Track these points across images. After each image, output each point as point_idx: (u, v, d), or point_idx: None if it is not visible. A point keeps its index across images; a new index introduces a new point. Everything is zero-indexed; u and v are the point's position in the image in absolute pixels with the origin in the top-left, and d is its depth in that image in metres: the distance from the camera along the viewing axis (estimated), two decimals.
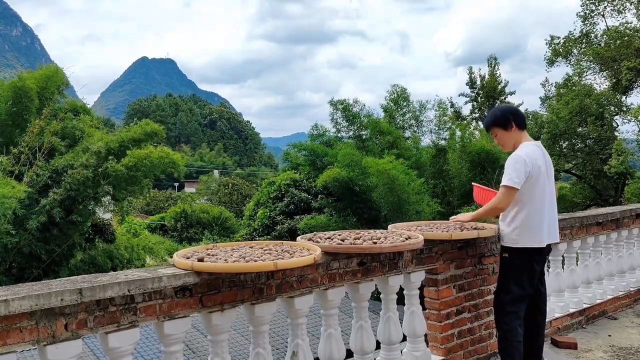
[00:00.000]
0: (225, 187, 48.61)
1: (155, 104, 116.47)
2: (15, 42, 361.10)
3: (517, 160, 3.56)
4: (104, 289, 2.26)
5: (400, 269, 3.57)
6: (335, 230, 3.82)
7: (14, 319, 2.09)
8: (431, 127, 23.41)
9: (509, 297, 3.69)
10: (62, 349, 2.22)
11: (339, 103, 22.21)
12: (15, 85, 15.11)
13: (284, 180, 25.52)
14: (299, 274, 3.03)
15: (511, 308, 3.67)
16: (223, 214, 38.09)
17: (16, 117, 15.30)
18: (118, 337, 2.38)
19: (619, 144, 22.06)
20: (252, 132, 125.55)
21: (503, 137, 3.78)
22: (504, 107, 3.90)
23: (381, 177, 17.20)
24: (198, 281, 2.58)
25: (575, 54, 25.83)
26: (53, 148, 15.36)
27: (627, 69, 22.02)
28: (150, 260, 19.20)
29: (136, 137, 15.30)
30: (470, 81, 31.75)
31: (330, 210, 20.99)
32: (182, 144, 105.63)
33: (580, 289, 5.28)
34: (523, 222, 3.63)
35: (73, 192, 13.87)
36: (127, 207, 18.14)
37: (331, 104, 22.37)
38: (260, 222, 24.88)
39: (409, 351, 3.71)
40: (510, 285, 3.70)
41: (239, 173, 75.47)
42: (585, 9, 25.13)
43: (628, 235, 5.91)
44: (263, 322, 2.92)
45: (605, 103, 24.07)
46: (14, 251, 13.57)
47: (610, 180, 23.36)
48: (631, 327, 5.11)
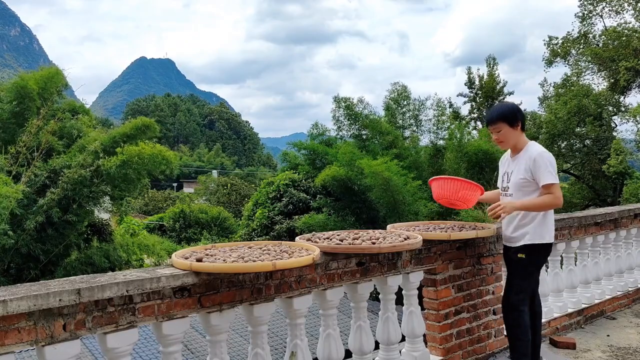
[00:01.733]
0: (223, 188, 48.56)
1: (154, 104, 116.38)
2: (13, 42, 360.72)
3: (550, 157, 3.64)
4: (102, 290, 2.26)
5: (399, 269, 3.57)
6: (333, 230, 3.82)
7: (12, 319, 2.08)
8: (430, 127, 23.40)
9: (522, 295, 3.74)
10: (61, 349, 2.22)
11: (342, 100, 22.14)
12: (19, 85, 15.11)
13: (282, 180, 25.50)
14: (298, 274, 3.03)
15: (524, 307, 3.74)
16: (222, 214, 38.07)
17: (18, 116, 15.30)
18: (116, 337, 2.38)
19: (617, 143, 22.09)
20: (250, 132, 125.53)
21: (507, 134, 3.70)
22: (511, 104, 3.88)
23: (376, 179, 17.17)
24: (197, 281, 2.58)
25: (573, 54, 25.86)
26: (51, 148, 15.36)
27: (625, 69, 22.05)
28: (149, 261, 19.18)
29: (128, 132, 15.22)
30: (469, 81, 31.77)
31: (329, 210, 20.98)
32: (181, 144, 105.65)
33: (579, 289, 5.28)
34: (548, 217, 3.72)
35: (70, 191, 13.85)
36: (126, 207, 18.11)
37: (335, 100, 22.30)
38: (259, 222, 24.87)
39: (408, 351, 3.71)
40: (525, 283, 3.76)
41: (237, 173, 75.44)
42: (584, 9, 25.16)
43: (626, 236, 5.92)
44: (262, 323, 2.92)
45: (603, 103, 24.10)
46: (11, 252, 13.56)
47: (609, 180, 23.37)
48: (629, 327, 5.11)
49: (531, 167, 3.61)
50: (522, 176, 3.66)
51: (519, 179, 3.69)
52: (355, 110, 22.13)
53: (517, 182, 3.71)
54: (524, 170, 3.65)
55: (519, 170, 3.69)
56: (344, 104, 22.08)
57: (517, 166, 3.73)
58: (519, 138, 3.73)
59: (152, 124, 15.84)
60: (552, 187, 3.58)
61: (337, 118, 22.41)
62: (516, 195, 3.71)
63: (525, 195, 3.67)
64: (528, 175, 3.63)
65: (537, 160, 3.60)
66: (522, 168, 3.67)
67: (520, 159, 3.71)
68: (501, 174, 3.94)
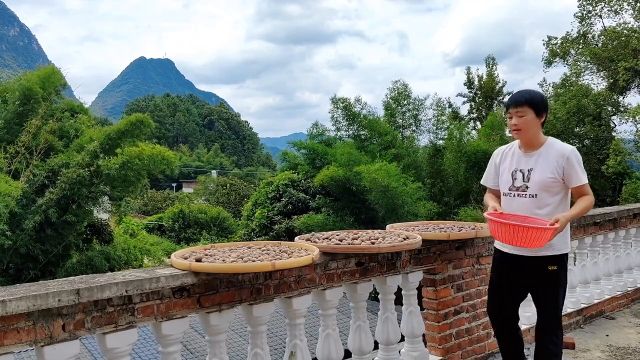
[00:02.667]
0: (223, 188, 48.56)
1: (153, 104, 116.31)
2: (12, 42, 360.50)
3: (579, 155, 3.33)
4: (101, 290, 2.26)
5: (398, 269, 3.57)
6: (333, 230, 3.81)
7: (12, 319, 2.08)
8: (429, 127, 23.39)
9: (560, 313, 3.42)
10: (60, 349, 2.22)
11: (340, 101, 22.10)
12: (23, 86, 15.10)
13: (282, 180, 25.51)
14: (297, 274, 3.03)
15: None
16: (221, 214, 38.07)
17: (22, 117, 15.30)
18: (116, 337, 2.37)
19: (616, 143, 22.11)
20: (250, 132, 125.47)
21: (530, 122, 3.26)
22: (542, 94, 3.45)
23: (374, 183, 17.17)
24: (196, 281, 2.58)
25: (572, 54, 25.88)
26: (50, 147, 15.35)
27: (624, 70, 22.07)
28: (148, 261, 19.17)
29: (122, 128, 15.20)
30: (468, 81, 31.77)
31: (328, 210, 20.98)
32: (180, 144, 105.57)
33: (578, 289, 5.28)
34: None
35: (68, 191, 13.84)
36: (125, 208, 18.13)
37: (332, 101, 22.28)
38: (258, 222, 24.87)
39: (407, 351, 3.71)
40: (561, 299, 3.41)
41: (236, 173, 75.42)
42: (583, 9, 25.18)
43: (625, 235, 5.92)
44: (261, 323, 2.92)
45: (602, 103, 24.12)
46: (10, 252, 13.54)
47: (608, 180, 23.40)
48: (629, 327, 5.12)
49: (564, 165, 3.24)
50: (550, 175, 3.26)
51: (547, 178, 3.27)
52: (354, 110, 22.10)
53: (544, 181, 3.28)
54: (555, 167, 3.25)
55: (546, 168, 3.27)
56: (342, 104, 22.05)
57: (540, 163, 3.30)
58: (538, 131, 3.33)
59: (147, 119, 15.82)
60: (585, 187, 3.28)
61: (335, 119, 22.40)
62: (541, 196, 3.29)
63: (551, 197, 3.29)
64: (558, 173, 3.25)
65: (571, 158, 3.25)
66: (550, 165, 3.26)
67: (545, 155, 3.30)
68: (508, 170, 3.44)
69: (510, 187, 3.40)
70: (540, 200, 3.28)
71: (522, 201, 3.33)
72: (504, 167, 3.48)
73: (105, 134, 15.07)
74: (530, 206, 3.30)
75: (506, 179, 3.44)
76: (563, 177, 3.26)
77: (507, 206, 3.38)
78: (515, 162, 3.41)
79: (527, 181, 3.32)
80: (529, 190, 3.31)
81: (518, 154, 3.41)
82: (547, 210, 3.26)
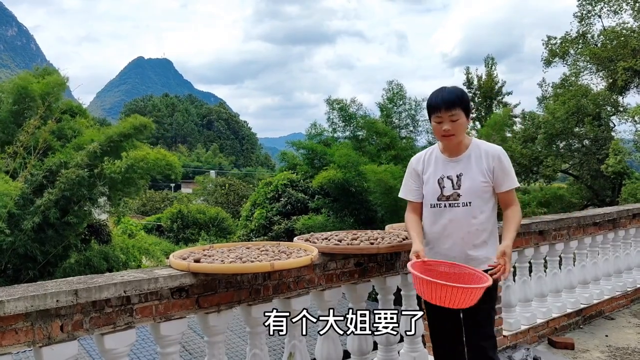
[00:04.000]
0: (221, 188, 48.57)
1: (152, 104, 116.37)
2: (10, 42, 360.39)
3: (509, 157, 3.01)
4: (99, 290, 2.25)
5: (397, 269, 3.56)
6: (332, 231, 3.81)
7: (9, 320, 2.07)
8: (427, 127, 23.38)
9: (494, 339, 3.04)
10: (58, 350, 2.21)
11: (335, 102, 22.10)
12: (19, 86, 15.06)
13: (280, 180, 25.52)
14: (296, 275, 3.02)
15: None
16: (220, 215, 38.08)
17: (18, 116, 15.27)
18: (114, 338, 2.36)
19: (616, 143, 22.11)
20: (248, 133, 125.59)
21: (463, 125, 2.90)
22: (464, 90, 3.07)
23: (379, 184, 17.18)
24: (194, 282, 2.57)
25: (572, 54, 25.88)
26: (48, 147, 15.32)
27: (623, 69, 22.08)
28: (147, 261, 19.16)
29: (125, 132, 15.19)
30: (467, 81, 31.76)
31: (328, 211, 20.98)
32: (179, 144, 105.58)
33: (578, 289, 5.28)
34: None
35: (67, 192, 13.82)
36: (123, 208, 18.12)
37: (327, 102, 22.30)
38: (257, 222, 24.88)
39: (407, 352, 3.71)
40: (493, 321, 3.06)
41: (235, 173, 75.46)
42: (582, 9, 25.19)
43: (625, 236, 5.92)
44: (260, 323, 2.91)
45: (601, 103, 24.12)
46: (9, 252, 13.53)
47: (608, 180, 23.40)
48: (628, 327, 5.11)
49: (494, 165, 2.91)
50: (483, 179, 2.90)
51: (480, 183, 2.90)
52: (349, 111, 22.10)
53: (477, 186, 2.91)
54: (486, 170, 2.91)
55: (477, 172, 2.91)
56: (337, 105, 22.06)
57: (469, 167, 2.93)
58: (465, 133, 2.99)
59: (149, 123, 15.83)
60: (514, 193, 2.97)
61: (331, 120, 22.41)
62: (475, 203, 2.90)
63: (485, 204, 2.92)
64: (489, 177, 2.91)
65: (503, 159, 2.93)
66: (480, 168, 2.91)
67: (473, 158, 2.94)
68: (434, 178, 3.00)
69: (439, 197, 2.97)
70: (475, 209, 2.90)
71: (455, 212, 2.92)
72: (428, 174, 3.04)
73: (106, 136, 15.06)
74: (465, 216, 2.90)
75: (432, 187, 3.00)
76: (493, 180, 2.92)
77: (437, 219, 2.98)
78: (440, 168, 3.00)
79: (457, 188, 2.92)
80: (461, 199, 2.91)
81: (442, 159, 3.01)
82: (482, 219, 2.91)
